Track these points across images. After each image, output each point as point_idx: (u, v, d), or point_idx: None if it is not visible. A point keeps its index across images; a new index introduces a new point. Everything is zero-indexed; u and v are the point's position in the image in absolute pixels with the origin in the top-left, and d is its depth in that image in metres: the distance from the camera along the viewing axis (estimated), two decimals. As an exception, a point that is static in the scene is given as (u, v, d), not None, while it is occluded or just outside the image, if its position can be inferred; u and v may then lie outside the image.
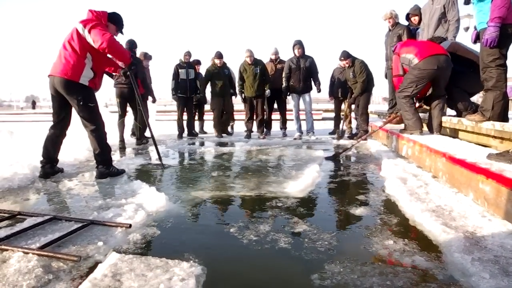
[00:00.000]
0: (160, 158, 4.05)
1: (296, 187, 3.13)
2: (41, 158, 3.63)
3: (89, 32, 3.29)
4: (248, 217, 2.41)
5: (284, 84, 7.06)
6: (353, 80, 6.47)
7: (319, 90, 7.19)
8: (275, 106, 7.75)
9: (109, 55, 3.52)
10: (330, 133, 7.99)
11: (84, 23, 3.34)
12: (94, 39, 3.29)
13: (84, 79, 3.39)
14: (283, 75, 7.04)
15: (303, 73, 6.91)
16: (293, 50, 6.91)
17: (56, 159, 3.73)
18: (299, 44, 6.88)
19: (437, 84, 4.38)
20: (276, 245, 1.90)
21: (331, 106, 8.79)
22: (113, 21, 3.62)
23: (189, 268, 1.55)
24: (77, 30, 3.35)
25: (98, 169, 3.59)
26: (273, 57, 7.38)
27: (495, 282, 1.44)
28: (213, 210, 2.60)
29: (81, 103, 3.41)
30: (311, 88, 7.17)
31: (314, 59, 7.05)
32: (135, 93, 4.28)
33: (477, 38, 3.89)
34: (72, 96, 3.40)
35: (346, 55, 6.45)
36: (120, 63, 3.76)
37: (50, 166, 3.65)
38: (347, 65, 6.49)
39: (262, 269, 1.67)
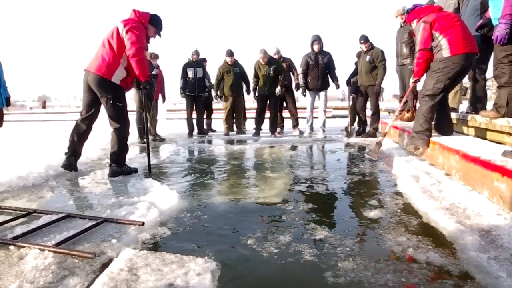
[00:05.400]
0: (149, 165, 3.88)
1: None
2: (66, 150, 3.71)
3: (126, 32, 3.35)
4: (261, 216, 2.42)
5: (301, 81, 6.93)
6: (368, 66, 6.32)
7: (337, 87, 7.07)
8: (284, 104, 7.72)
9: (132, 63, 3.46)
10: (343, 130, 7.90)
11: (125, 23, 3.40)
12: (126, 42, 3.36)
13: (116, 78, 3.45)
14: (300, 71, 6.89)
15: (321, 70, 6.74)
16: (312, 45, 6.70)
17: (79, 152, 3.81)
18: (318, 39, 6.68)
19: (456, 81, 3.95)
20: (290, 243, 1.90)
21: (341, 104, 8.69)
22: (154, 23, 3.66)
23: (204, 264, 1.57)
24: (117, 29, 3.42)
25: (111, 168, 3.63)
26: (275, 57, 7.29)
27: (513, 281, 1.42)
28: (225, 208, 2.60)
29: (110, 101, 3.47)
30: (328, 85, 7.05)
31: (332, 55, 6.89)
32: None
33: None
34: (103, 93, 3.46)
35: (365, 39, 6.33)
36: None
37: (74, 159, 3.74)
38: (365, 49, 6.37)
39: (275, 266, 1.67)
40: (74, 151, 3.73)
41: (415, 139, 3.86)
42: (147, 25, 3.58)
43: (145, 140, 6.67)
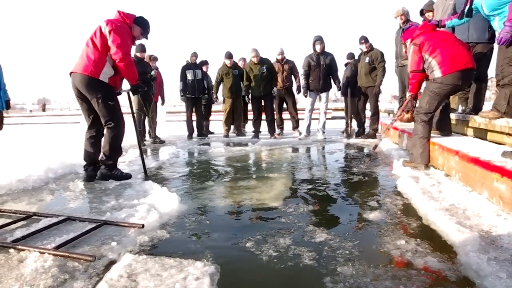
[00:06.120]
0: (144, 166, 3.91)
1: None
2: (84, 162, 3.60)
3: (109, 33, 3.30)
4: (260, 218, 2.42)
5: (302, 82, 6.90)
6: (367, 67, 6.33)
7: (339, 88, 7.06)
8: (284, 106, 7.69)
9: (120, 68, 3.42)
10: (343, 132, 7.90)
11: (107, 21, 3.35)
12: (111, 45, 3.30)
13: (104, 76, 3.36)
14: (302, 72, 6.87)
15: (323, 71, 6.70)
16: (314, 46, 6.68)
17: (98, 160, 3.64)
18: (320, 39, 6.65)
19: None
20: (290, 246, 1.90)
21: (341, 105, 8.67)
22: (139, 23, 3.61)
23: (203, 267, 1.56)
24: (100, 28, 3.36)
25: (100, 170, 3.56)
26: (279, 57, 7.23)
27: (512, 282, 1.42)
28: (225, 210, 2.60)
29: (100, 101, 3.36)
30: (330, 87, 7.01)
31: (334, 56, 6.86)
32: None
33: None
34: (91, 93, 3.36)
35: (365, 39, 6.34)
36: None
37: (93, 169, 3.59)
38: (365, 49, 6.38)
39: (274, 271, 1.66)
40: (91, 162, 3.59)
41: (414, 157, 3.76)
42: (131, 24, 3.53)
43: (145, 142, 6.72)
